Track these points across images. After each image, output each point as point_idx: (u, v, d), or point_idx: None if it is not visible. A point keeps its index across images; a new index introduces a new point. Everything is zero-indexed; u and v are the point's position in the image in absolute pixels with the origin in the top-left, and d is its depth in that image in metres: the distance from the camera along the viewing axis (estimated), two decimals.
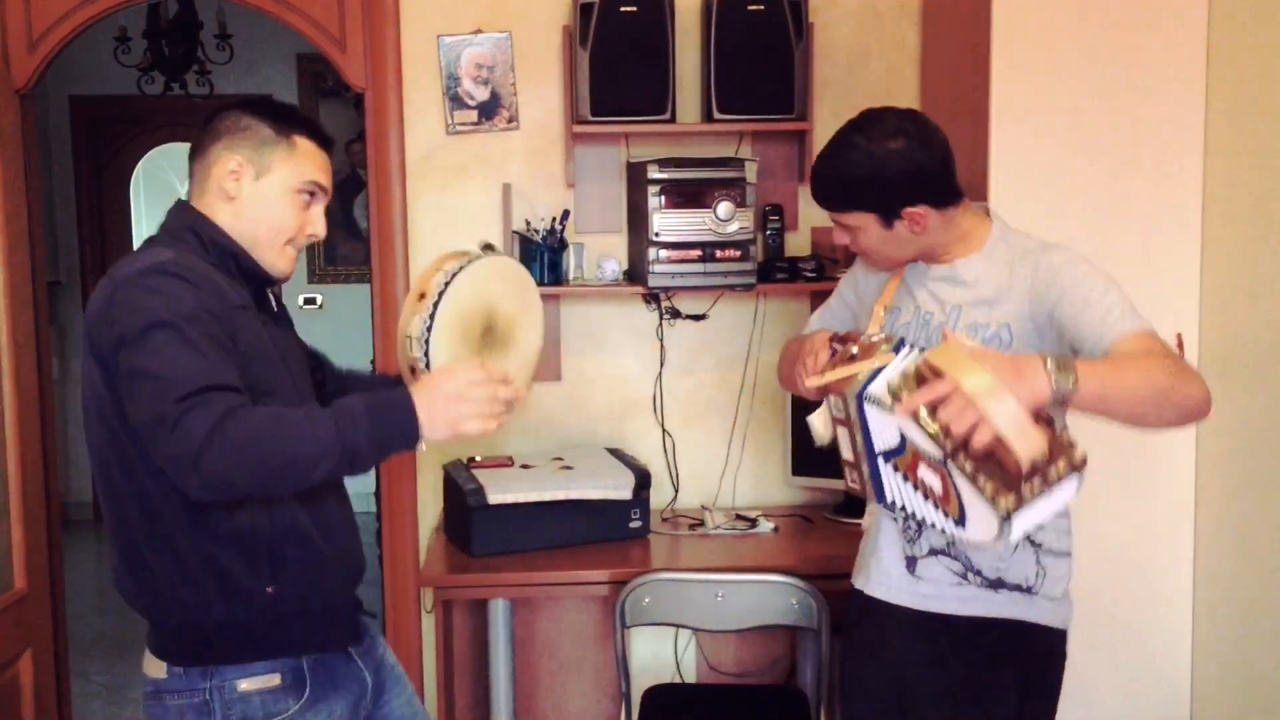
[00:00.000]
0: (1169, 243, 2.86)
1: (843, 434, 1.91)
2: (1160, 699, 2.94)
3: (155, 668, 1.86)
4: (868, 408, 1.78)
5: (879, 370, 1.77)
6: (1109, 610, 2.87)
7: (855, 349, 1.88)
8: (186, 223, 1.89)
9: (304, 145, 1.91)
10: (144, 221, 7.21)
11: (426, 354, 1.92)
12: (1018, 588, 2.01)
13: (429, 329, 1.92)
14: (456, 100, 3.35)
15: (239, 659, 1.82)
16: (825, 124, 3.36)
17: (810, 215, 3.47)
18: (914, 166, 1.95)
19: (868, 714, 2.16)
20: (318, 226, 1.94)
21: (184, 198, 1.97)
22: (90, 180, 6.97)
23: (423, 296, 1.95)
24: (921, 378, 1.68)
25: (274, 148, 1.88)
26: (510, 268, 2.12)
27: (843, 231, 2.08)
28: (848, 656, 2.22)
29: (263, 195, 1.88)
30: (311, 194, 1.92)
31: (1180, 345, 2.87)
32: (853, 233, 2.06)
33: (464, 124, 3.35)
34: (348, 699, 1.94)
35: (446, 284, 1.95)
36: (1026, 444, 1.58)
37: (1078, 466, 1.63)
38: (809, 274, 3.29)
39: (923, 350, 1.79)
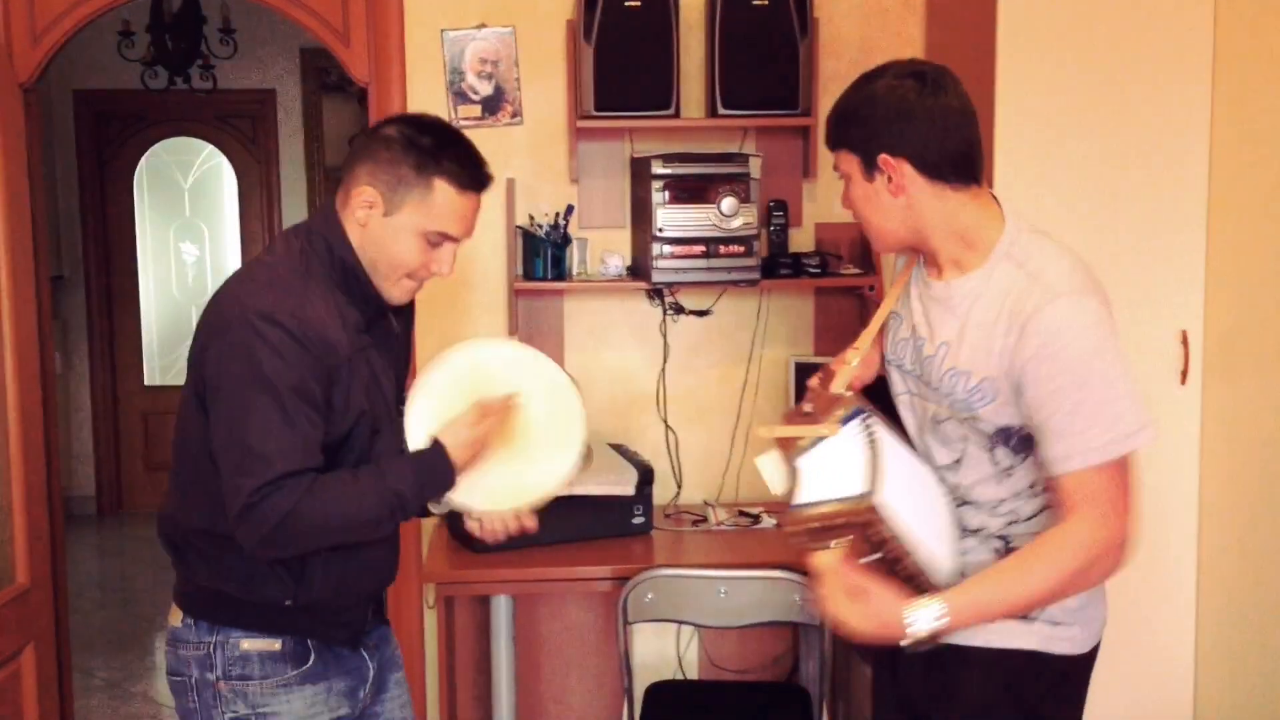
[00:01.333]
0: (1174, 239, 2.85)
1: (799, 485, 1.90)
2: (1163, 702, 2.94)
3: (175, 616, 1.96)
4: (800, 476, 1.80)
5: (820, 439, 1.80)
6: (1111, 615, 2.86)
7: (809, 407, 1.89)
8: (324, 231, 1.89)
9: (442, 191, 1.84)
10: (147, 216, 7.20)
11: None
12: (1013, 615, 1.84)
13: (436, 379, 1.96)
14: (460, 95, 3.35)
15: (247, 626, 1.90)
16: None
17: (814, 211, 3.46)
18: (901, 110, 1.73)
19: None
20: (443, 267, 1.90)
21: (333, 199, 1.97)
22: (93, 174, 6.96)
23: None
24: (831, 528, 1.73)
25: (409, 189, 1.84)
26: (561, 388, 2.05)
27: (839, 177, 1.90)
28: (875, 668, 2.16)
29: (390, 231, 1.86)
30: (440, 241, 1.88)
31: (1185, 343, 2.86)
32: (845, 183, 1.87)
33: (468, 118, 3.34)
34: (347, 681, 1.99)
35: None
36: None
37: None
38: (813, 270, 3.28)
39: (869, 427, 1.79)
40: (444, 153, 1.85)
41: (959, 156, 1.76)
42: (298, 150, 7.02)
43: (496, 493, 1.95)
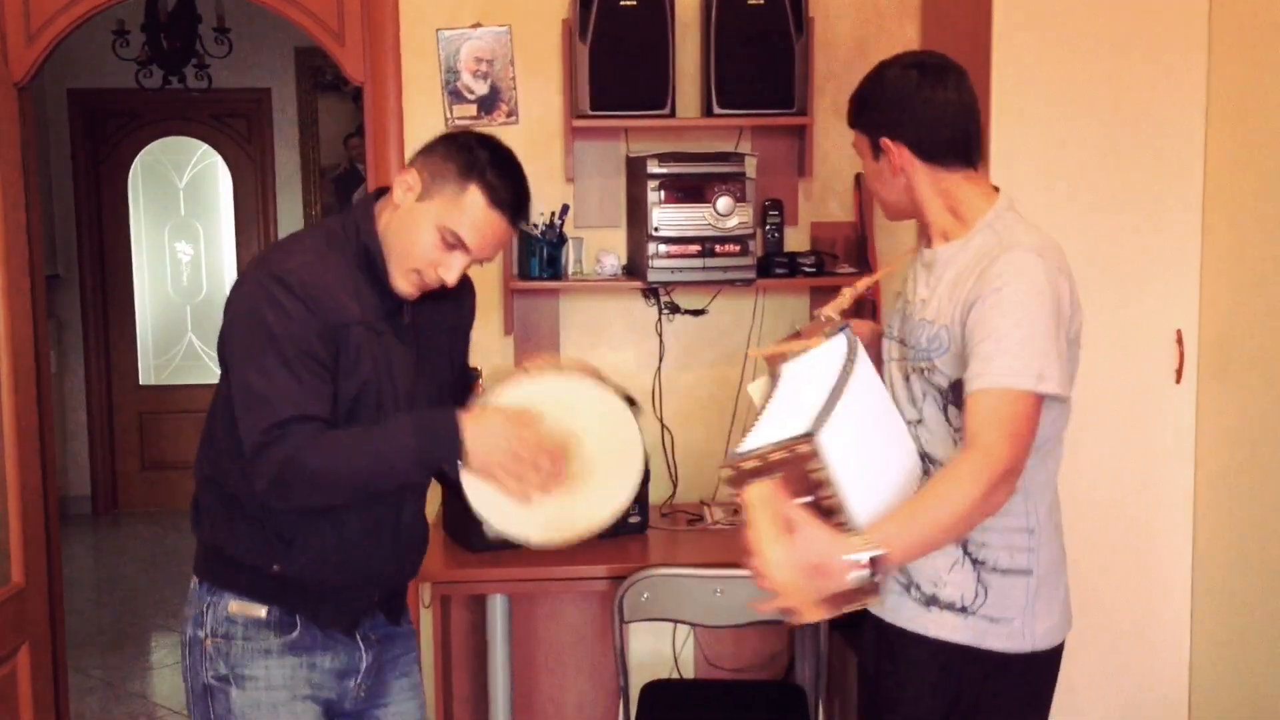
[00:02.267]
0: (1169, 239, 2.86)
1: None
2: (1158, 705, 2.94)
3: (193, 579, 2.04)
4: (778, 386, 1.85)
5: (808, 349, 1.85)
6: (1106, 615, 2.87)
7: (800, 329, 1.96)
8: (359, 215, 1.97)
9: (473, 197, 1.88)
10: (142, 215, 7.19)
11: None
12: (950, 606, 1.87)
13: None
14: (456, 94, 3.35)
15: (237, 589, 1.97)
16: (825, 119, 3.36)
17: (810, 210, 3.47)
18: (900, 98, 1.90)
19: (860, 705, 2.13)
20: (449, 274, 1.92)
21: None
22: (88, 174, 6.95)
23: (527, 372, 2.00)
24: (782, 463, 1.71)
25: (446, 183, 1.89)
26: (626, 430, 2.04)
27: (858, 153, 2.03)
28: (859, 660, 2.19)
29: (414, 216, 1.90)
30: (454, 244, 1.90)
31: (1180, 342, 2.87)
32: (862, 158, 2.01)
33: (463, 118, 3.34)
34: (334, 663, 2.01)
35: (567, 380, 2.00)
36: (813, 615, 1.68)
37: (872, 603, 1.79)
38: (808, 269, 3.28)
39: (852, 342, 1.87)
40: (492, 168, 1.91)
41: (953, 143, 1.91)
42: (293, 149, 7.01)
43: (552, 525, 1.95)
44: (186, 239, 7.31)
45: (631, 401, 2.05)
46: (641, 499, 3.10)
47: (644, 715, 2.92)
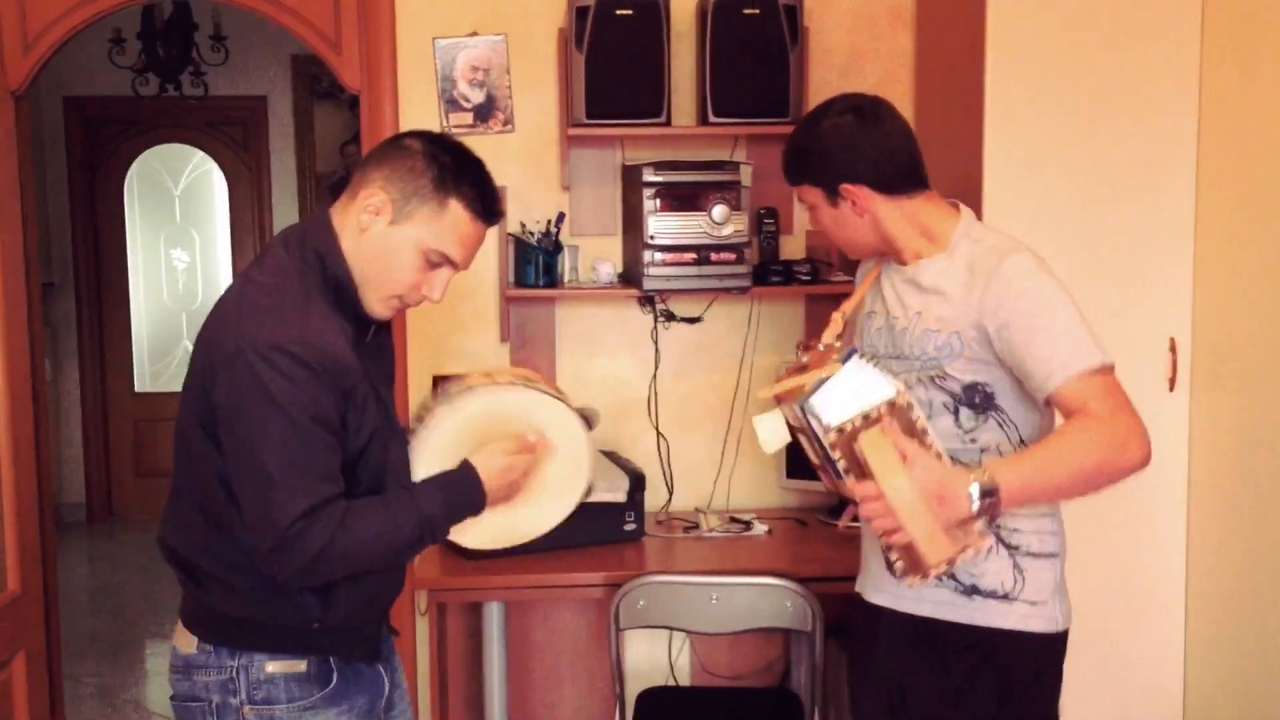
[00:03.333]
0: (1162, 247, 2.87)
1: (804, 440, 1.93)
2: (1152, 707, 2.95)
3: (186, 642, 1.89)
4: (810, 420, 1.83)
5: (824, 380, 1.83)
6: (1100, 618, 2.87)
7: (806, 358, 1.95)
8: (316, 242, 1.82)
9: (455, 212, 1.80)
10: (138, 223, 7.19)
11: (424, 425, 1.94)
12: (993, 594, 1.96)
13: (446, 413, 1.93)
14: (452, 102, 3.35)
15: (272, 649, 1.86)
16: None
17: (805, 218, 3.47)
18: (850, 143, 1.98)
19: (869, 716, 2.16)
20: (434, 291, 1.85)
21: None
22: (84, 182, 6.95)
23: (495, 382, 1.97)
24: (854, 436, 1.78)
25: (423, 202, 1.78)
26: (577, 444, 2.02)
27: (805, 207, 2.12)
28: (851, 661, 2.23)
29: (390, 242, 1.80)
30: (439, 263, 1.83)
31: (1173, 350, 2.87)
32: (811, 210, 2.09)
33: (459, 126, 3.35)
34: (367, 698, 1.97)
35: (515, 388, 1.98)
36: (937, 553, 1.77)
37: (979, 550, 1.83)
38: (804, 277, 3.29)
39: (873, 361, 1.88)
40: (465, 176, 1.81)
41: (906, 171, 2.00)
42: (289, 157, 7.02)
43: (489, 533, 1.97)
44: (182, 246, 7.31)
45: (586, 418, 2.04)
46: (637, 506, 3.11)
47: None
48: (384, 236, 1.80)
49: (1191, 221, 2.86)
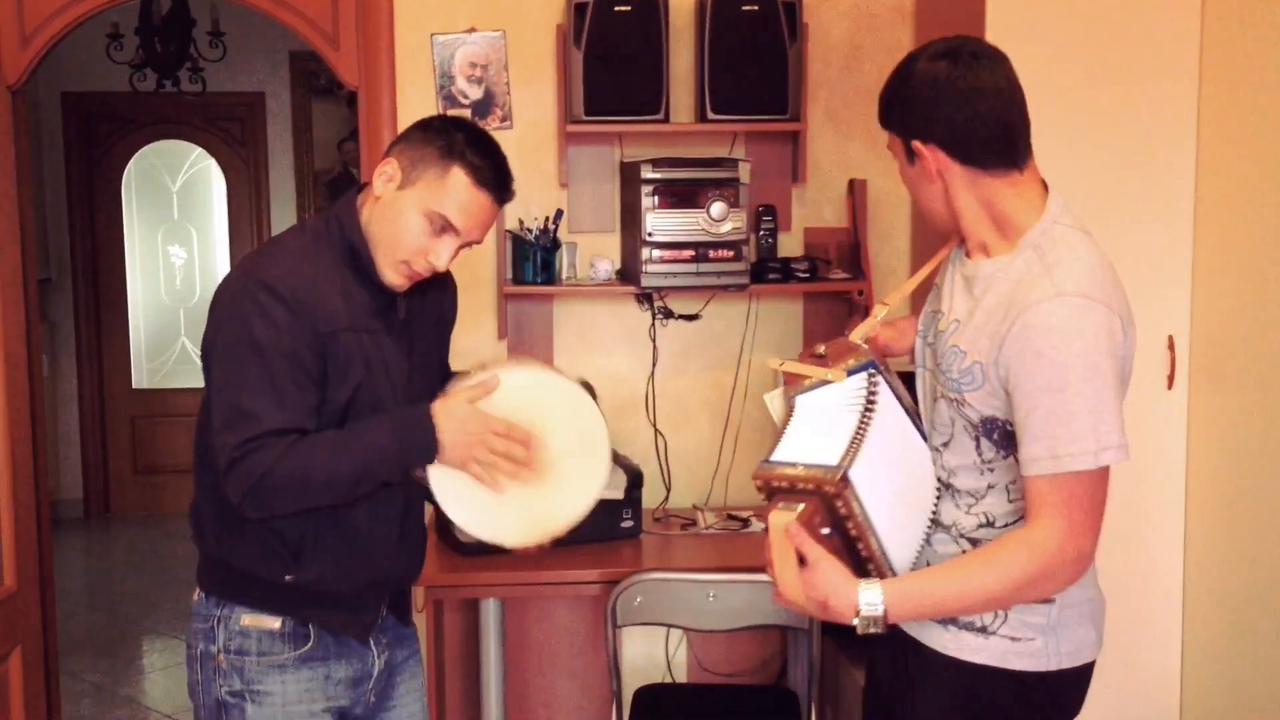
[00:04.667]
0: (1161, 244, 2.87)
1: None
2: (1149, 705, 2.95)
3: (195, 590, 2.01)
4: (791, 417, 1.80)
5: (823, 383, 1.79)
6: None
7: (824, 349, 1.87)
8: (340, 213, 1.94)
9: (457, 178, 1.88)
10: (135, 219, 7.18)
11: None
12: (969, 626, 1.78)
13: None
14: (450, 99, 3.35)
15: (250, 602, 1.94)
16: (819, 124, 3.37)
17: (803, 216, 3.47)
18: (933, 91, 1.70)
19: (869, 710, 2.09)
20: (439, 259, 1.90)
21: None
22: (82, 177, 6.94)
23: (485, 367, 1.98)
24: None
25: (428, 168, 1.88)
26: (585, 413, 2.01)
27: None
28: (867, 667, 2.14)
29: (397, 205, 1.89)
30: (443, 227, 1.89)
31: (1172, 348, 2.87)
32: (898, 163, 1.84)
33: None
34: (348, 671, 1.99)
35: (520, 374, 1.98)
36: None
37: None
38: (802, 275, 3.29)
39: (873, 385, 1.76)
40: (472, 148, 1.90)
41: (991, 139, 1.70)
42: (287, 153, 7.01)
43: (523, 527, 1.97)
44: (180, 243, 7.30)
45: (588, 385, 2.06)
46: (634, 503, 3.11)
47: (637, 719, 2.92)
48: (393, 201, 1.89)
49: (1190, 220, 2.86)
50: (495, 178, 1.92)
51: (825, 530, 1.70)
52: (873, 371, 1.79)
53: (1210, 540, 2.83)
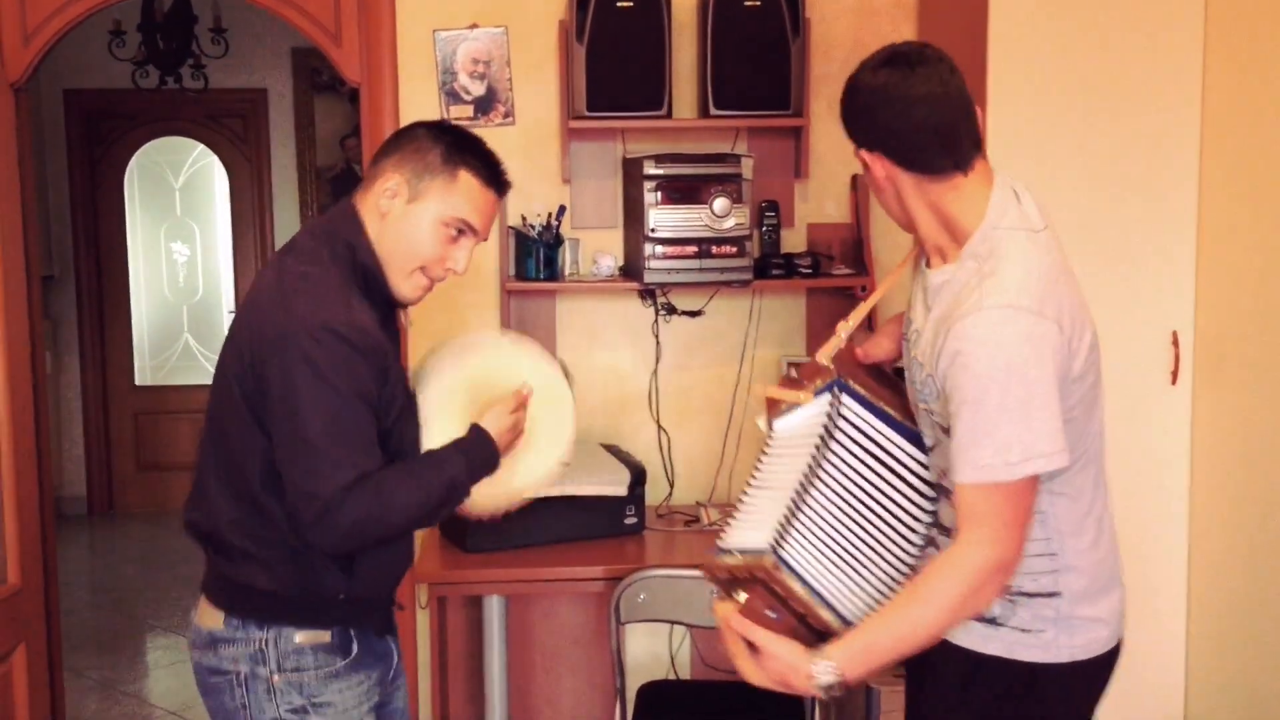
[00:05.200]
0: (1165, 240, 2.86)
1: None
2: (1154, 703, 2.95)
3: (210, 618, 1.95)
4: (771, 441, 1.84)
5: (797, 405, 1.82)
6: None
7: (795, 372, 1.90)
8: (345, 233, 1.92)
9: (466, 181, 1.90)
10: (138, 216, 7.18)
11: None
12: (979, 618, 1.78)
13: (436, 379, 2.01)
14: (452, 95, 3.35)
15: (299, 622, 1.93)
16: (821, 120, 3.36)
17: (806, 212, 3.47)
18: (872, 99, 1.68)
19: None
20: (458, 263, 1.93)
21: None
22: (84, 174, 6.94)
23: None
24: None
25: (435, 176, 1.89)
26: (559, 393, 2.09)
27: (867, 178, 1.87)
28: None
29: (411, 219, 1.90)
30: (460, 231, 1.92)
31: (1176, 344, 2.87)
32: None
33: (460, 119, 3.34)
34: (381, 669, 2.05)
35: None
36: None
37: None
38: (805, 270, 3.29)
39: (838, 406, 1.77)
40: (470, 148, 1.92)
41: (930, 145, 1.68)
42: (289, 150, 7.01)
43: (483, 492, 2.00)
44: (182, 240, 7.29)
45: (567, 374, 2.11)
46: (638, 500, 3.11)
47: (641, 716, 2.92)
48: (404, 216, 1.90)
49: (1194, 215, 2.85)
50: (496, 174, 1.95)
51: (771, 614, 1.74)
52: (836, 390, 1.79)
53: (1214, 536, 2.83)
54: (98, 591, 5.87)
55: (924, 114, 1.66)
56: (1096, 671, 1.87)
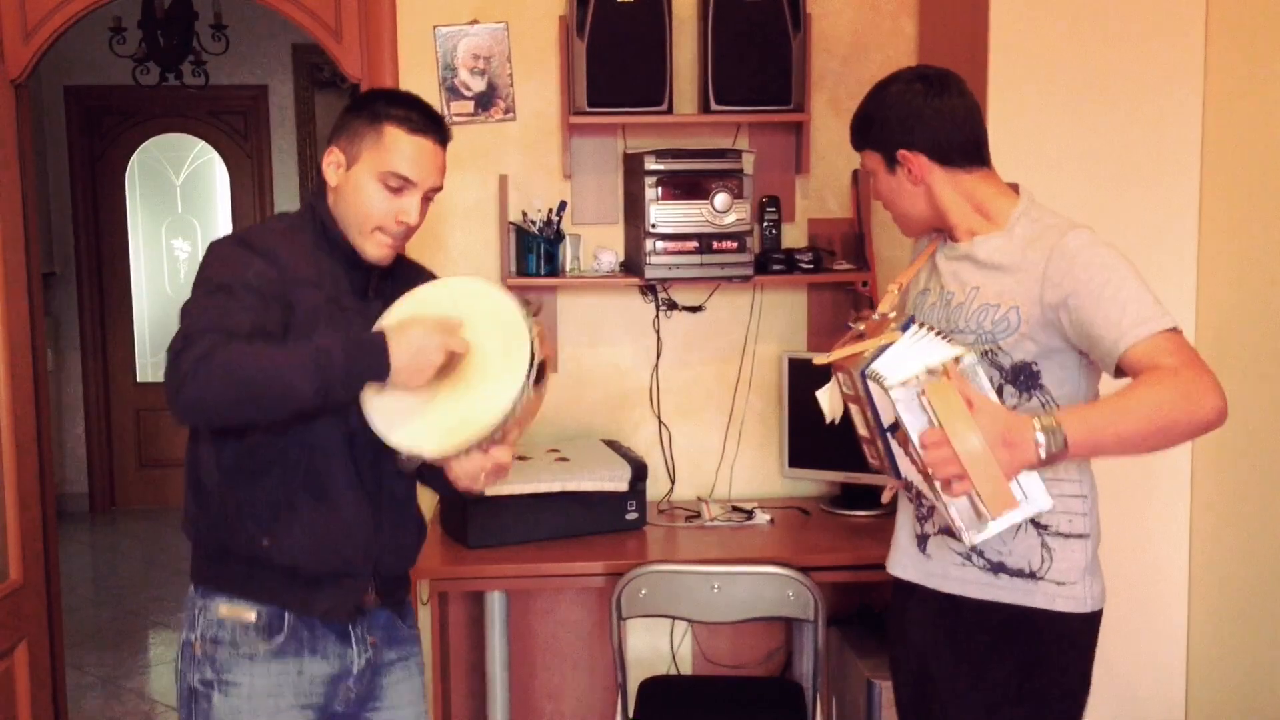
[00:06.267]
0: (1166, 237, 2.86)
1: (855, 411, 1.96)
2: (1155, 699, 2.95)
3: (190, 585, 2.03)
4: (871, 385, 1.82)
5: (885, 347, 1.82)
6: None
7: (863, 326, 1.98)
8: (313, 200, 2.05)
9: (391, 134, 1.95)
10: (139, 212, 7.19)
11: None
12: (1019, 573, 1.97)
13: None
14: (453, 91, 3.34)
15: (230, 590, 1.96)
16: (822, 115, 3.36)
17: (807, 207, 3.47)
18: (912, 110, 2.00)
19: (902, 697, 2.18)
20: (409, 215, 1.97)
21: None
22: (85, 171, 6.95)
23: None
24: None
25: (363, 138, 1.96)
26: (504, 309, 1.94)
27: (866, 176, 2.15)
28: (887, 639, 2.26)
29: (352, 184, 1.97)
30: (400, 183, 1.95)
31: None
32: (872, 178, 2.11)
33: (460, 115, 3.34)
34: (323, 668, 1.97)
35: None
36: (1000, 504, 1.73)
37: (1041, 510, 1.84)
38: (806, 266, 3.28)
39: (934, 331, 1.84)
40: (393, 104, 1.98)
41: (967, 145, 2.01)
42: (290, 146, 7.01)
43: (445, 431, 1.86)
44: (183, 236, 7.30)
45: (527, 303, 1.98)
46: (639, 495, 3.11)
47: (642, 711, 2.92)
48: (346, 181, 1.98)
49: (1195, 213, 2.85)
50: (425, 120, 1.98)
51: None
52: (917, 321, 1.89)
53: (1216, 533, 2.83)
54: (99, 588, 5.88)
55: (962, 118, 2.01)
56: (1098, 624, 2.03)
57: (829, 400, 2.06)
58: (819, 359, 2.01)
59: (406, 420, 1.87)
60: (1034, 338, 1.92)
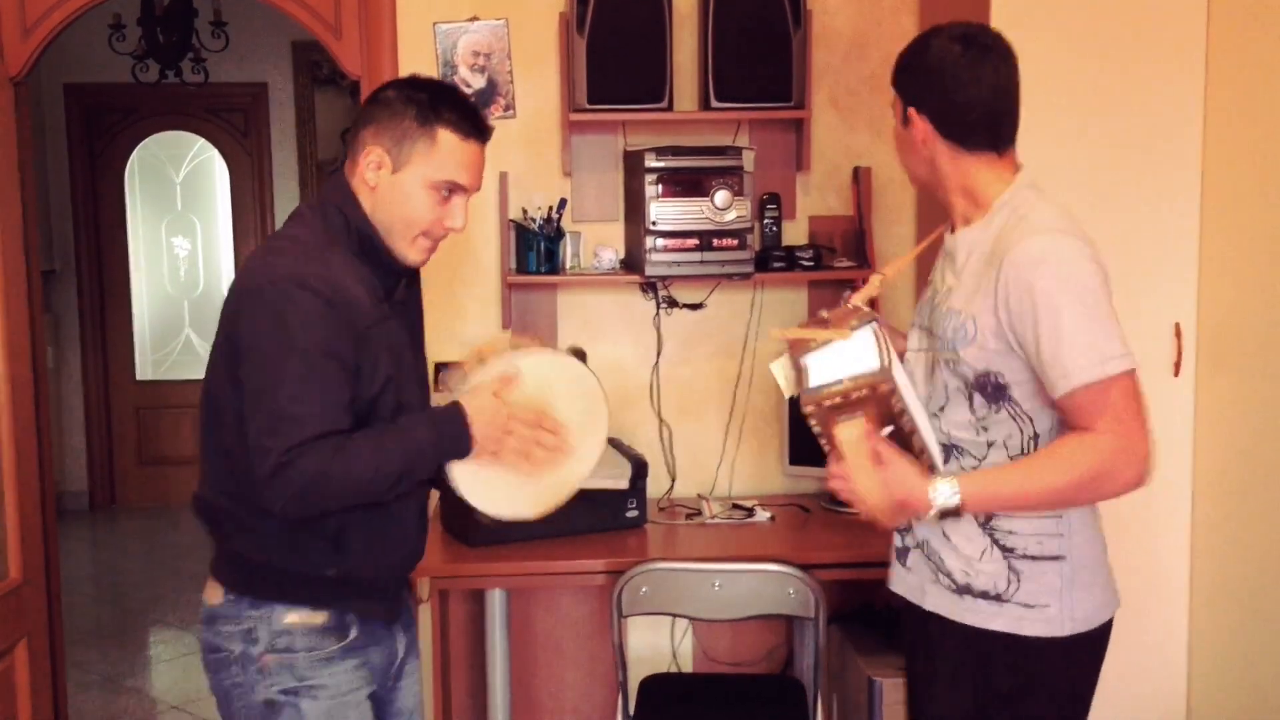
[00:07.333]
0: (1167, 231, 2.85)
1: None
2: (1156, 699, 2.94)
3: (213, 593, 1.95)
4: (802, 377, 1.86)
5: (828, 343, 1.85)
6: None
7: (827, 314, 1.96)
8: (337, 200, 1.92)
9: (445, 139, 1.88)
10: (139, 210, 7.18)
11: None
12: (984, 595, 1.89)
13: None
14: None
15: (290, 600, 1.91)
16: (823, 112, 3.36)
17: (808, 204, 3.46)
18: (935, 70, 1.87)
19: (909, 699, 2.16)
20: (455, 221, 1.93)
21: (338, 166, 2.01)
22: (84, 169, 6.94)
23: (482, 361, 1.99)
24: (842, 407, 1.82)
25: (414, 142, 1.88)
26: (584, 380, 2.05)
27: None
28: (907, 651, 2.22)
29: (400, 188, 1.89)
30: (451, 190, 1.91)
31: (1178, 335, 2.86)
32: (895, 119, 2.01)
33: None
34: (379, 659, 2.03)
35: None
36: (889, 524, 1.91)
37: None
38: (806, 263, 3.28)
39: (884, 343, 1.85)
40: (442, 103, 1.90)
41: (978, 125, 1.88)
42: (290, 144, 7.01)
43: (542, 496, 2.03)
44: (183, 234, 7.30)
45: (580, 353, 2.12)
46: (639, 493, 3.10)
47: (643, 709, 2.92)
48: (392, 186, 1.90)
49: (1196, 207, 2.84)
50: (476, 124, 1.93)
51: (883, 431, 1.84)
52: (876, 325, 1.89)
53: (1217, 529, 2.83)
54: (100, 586, 5.88)
55: (983, 98, 1.86)
56: (1097, 643, 1.95)
57: (783, 376, 2.02)
58: (775, 331, 1.99)
59: (495, 488, 1.97)
60: (991, 349, 1.84)
